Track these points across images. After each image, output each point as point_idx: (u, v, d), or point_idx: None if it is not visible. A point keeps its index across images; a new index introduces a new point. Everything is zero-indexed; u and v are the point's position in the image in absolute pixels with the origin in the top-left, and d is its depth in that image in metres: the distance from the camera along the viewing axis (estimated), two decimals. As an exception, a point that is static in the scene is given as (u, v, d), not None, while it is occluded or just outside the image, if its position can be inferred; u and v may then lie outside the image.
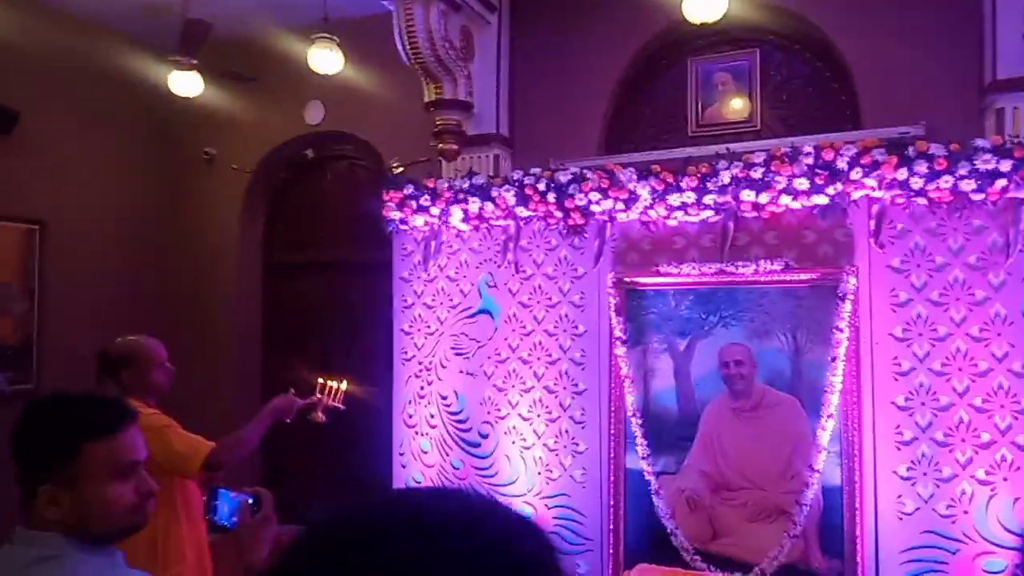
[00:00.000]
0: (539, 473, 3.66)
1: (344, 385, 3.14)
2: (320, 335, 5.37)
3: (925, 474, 2.98)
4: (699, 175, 3.23)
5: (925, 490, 2.98)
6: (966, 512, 2.92)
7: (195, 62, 4.10)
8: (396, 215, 3.91)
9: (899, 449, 3.02)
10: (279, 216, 5.64)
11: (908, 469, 3.00)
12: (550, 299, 3.68)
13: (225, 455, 2.48)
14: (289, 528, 0.77)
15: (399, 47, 4.04)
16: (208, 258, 5.47)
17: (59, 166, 4.89)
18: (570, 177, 3.49)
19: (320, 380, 3.12)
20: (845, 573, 3.04)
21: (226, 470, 2.49)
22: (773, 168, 3.10)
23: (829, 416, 3.03)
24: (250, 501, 1.61)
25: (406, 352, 4.00)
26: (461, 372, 3.85)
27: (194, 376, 5.13)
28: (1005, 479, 2.88)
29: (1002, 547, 2.86)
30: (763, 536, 3.17)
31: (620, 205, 3.42)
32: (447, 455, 3.88)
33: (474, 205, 3.68)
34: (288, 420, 2.79)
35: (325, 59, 4.32)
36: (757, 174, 3.13)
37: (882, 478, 3.04)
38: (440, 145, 4.10)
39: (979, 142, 2.88)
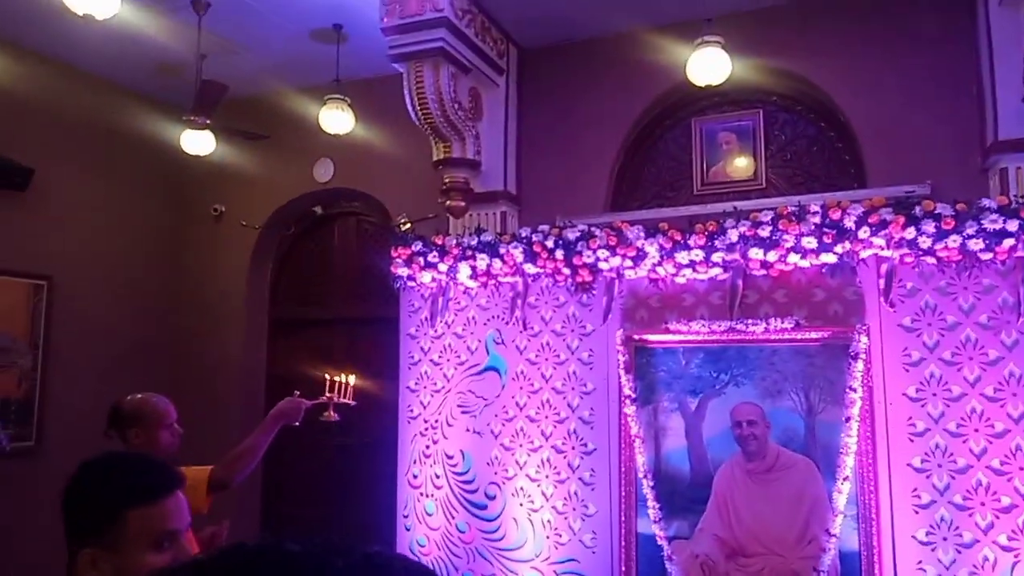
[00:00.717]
0: (547, 537, 3.57)
1: (352, 379, 3.10)
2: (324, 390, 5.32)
3: (945, 539, 2.90)
4: (706, 232, 3.25)
5: (946, 556, 2.89)
6: (989, 579, 2.83)
7: (208, 122, 4.17)
8: (404, 271, 3.92)
9: (917, 512, 2.94)
10: (287, 272, 5.66)
11: (927, 534, 2.93)
12: (558, 356, 3.65)
13: (228, 471, 2.46)
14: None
15: (409, 108, 4.11)
16: (215, 314, 5.47)
17: (69, 222, 4.93)
18: (578, 234, 3.50)
19: (328, 378, 3.09)
20: (865, 643, 2.93)
21: (235, 487, 2.46)
22: (780, 226, 3.11)
23: (845, 478, 2.97)
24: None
25: (412, 410, 3.95)
26: (467, 430, 3.80)
27: (198, 432, 5.07)
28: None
29: (1029, 617, 2.77)
30: (780, 604, 3.06)
31: (628, 262, 3.43)
32: (452, 517, 3.79)
33: (482, 262, 3.69)
34: (296, 423, 2.76)
35: (336, 119, 4.40)
36: (765, 232, 3.14)
37: (900, 543, 2.95)
38: (448, 202, 4.14)
39: (985, 202, 2.90)
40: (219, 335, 5.45)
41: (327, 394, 3.03)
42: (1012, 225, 2.84)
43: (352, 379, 3.11)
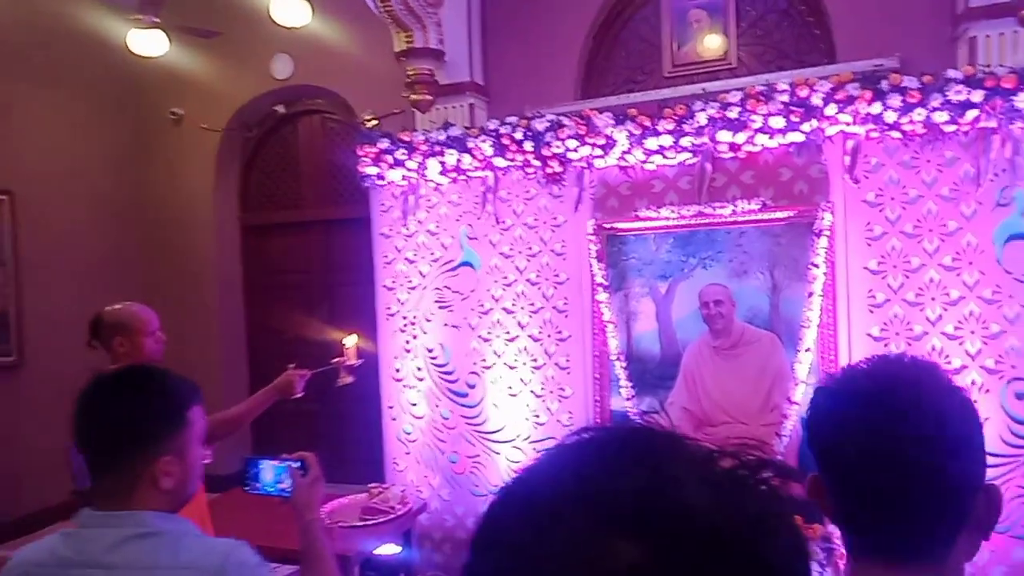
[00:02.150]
0: (527, 419, 3.74)
1: (355, 339, 3.14)
2: (303, 293, 5.37)
3: (900, 401, 3.08)
4: (675, 117, 3.22)
5: (900, 417, 3.08)
6: (939, 435, 3.03)
7: (157, 20, 3.97)
8: (372, 171, 3.87)
9: (875, 379, 3.11)
10: (254, 175, 5.57)
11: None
12: (531, 248, 3.69)
13: (215, 434, 2.51)
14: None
15: (366, -5, 3.94)
16: (184, 221, 5.41)
17: (23, 134, 4.77)
18: (547, 125, 3.46)
19: (340, 342, 3.11)
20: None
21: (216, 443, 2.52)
22: (749, 107, 3.09)
23: (807, 350, 3.11)
24: (297, 465, 1.68)
25: (389, 308, 4.02)
26: (446, 325, 3.89)
27: (179, 340, 5.14)
28: (976, 402, 2.97)
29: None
30: (746, 468, 3.27)
31: (598, 151, 3.41)
32: (436, 406, 3.94)
33: (451, 157, 3.65)
34: (299, 394, 2.77)
35: (291, 10, 4.21)
36: (733, 114, 3.12)
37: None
38: (413, 96, 4.05)
39: (951, 73, 2.89)
40: (191, 243, 5.42)
41: (336, 359, 3.04)
42: (977, 96, 2.84)
43: (355, 339, 3.11)
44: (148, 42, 4.14)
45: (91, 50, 5.00)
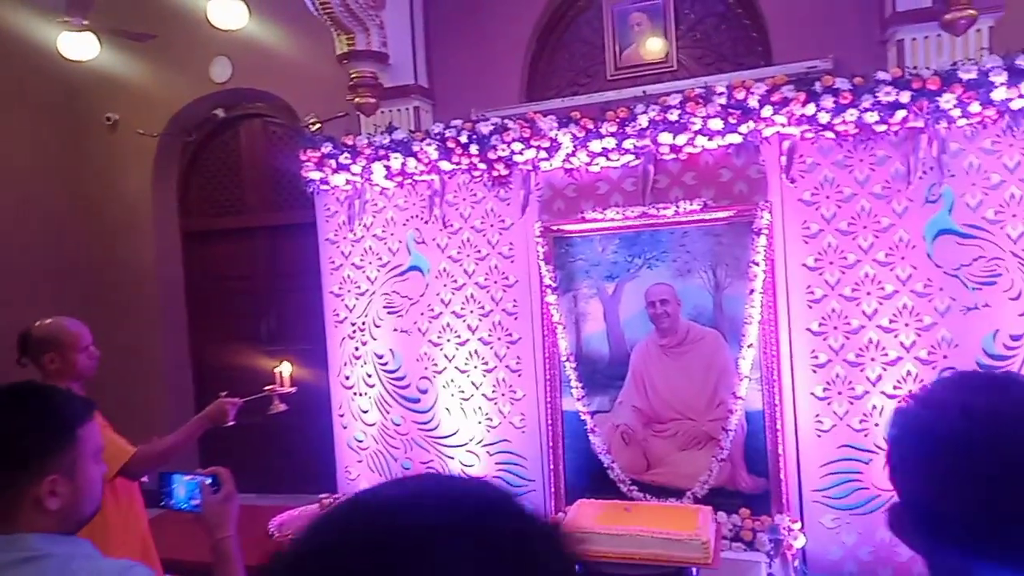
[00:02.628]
0: (479, 422, 3.74)
1: (289, 367, 3.03)
2: (248, 302, 5.26)
3: (840, 393, 3.18)
4: (618, 120, 3.26)
5: (840, 408, 3.18)
6: (877, 424, 3.14)
7: (86, 23, 3.84)
8: (316, 175, 3.82)
9: (815, 372, 3.20)
10: (194, 181, 5.43)
11: (824, 389, 3.20)
12: (479, 251, 3.69)
13: (144, 466, 2.40)
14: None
15: (305, -3, 3.88)
16: (123, 228, 5.24)
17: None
18: (491, 128, 3.46)
19: (272, 369, 3.00)
20: (770, 490, 3.24)
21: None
22: (688, 109, 3.15)
23: (749, 346, 3.19)
24: (208, 481, 1.62)
25: (337, 314, 3.97)
26: (395, 330, 3.86)
27: (119, 352, 4.98)
28: (911, 392, 3.09)
29: (908, 454, 3.10)
30: (693, 463, 3.34)
31: (543, 154, 3.43)
32: (387, 413, 3.91)
33: (396, 161, 3.63)
34: (230, 423, 2.67)
35: (228, 13, 4.11)
36: (673, 116, 3.18)
37: (800, 400, 3.23)
38: (356, 99, 4.00)
39: (881, 75, 3.00)
40: (130, 251, 5.25)
41: (268, 387, 2.94)
42: (905, 97, 2.95)
43: (288, 367, 3.02)
44: (78, 46, 3.99)
45: (20, 54, 4.81)
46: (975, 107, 2.88)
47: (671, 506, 3.24)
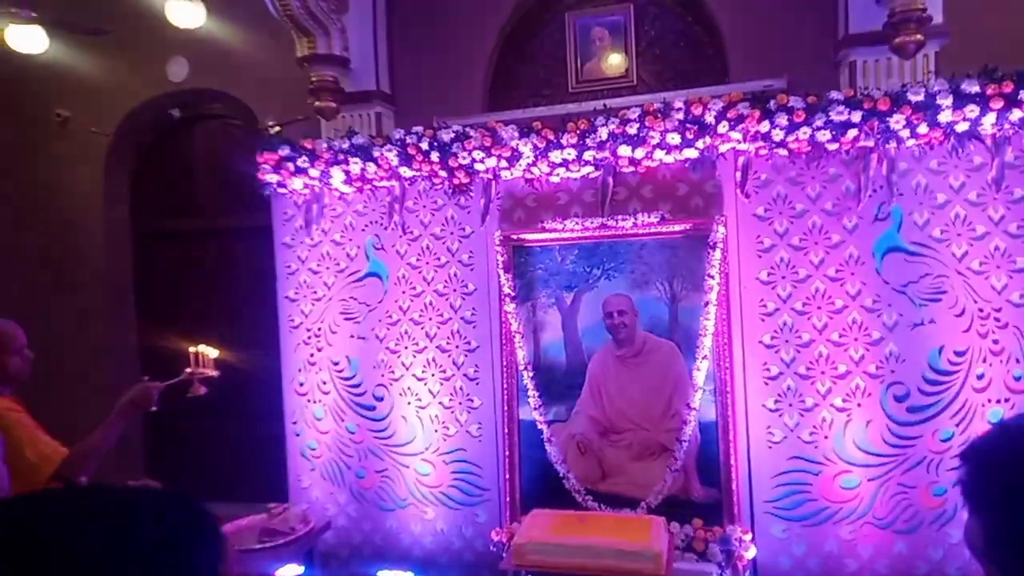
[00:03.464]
0: (436, 430, 3.71)
1: (213, 350, 2.95)
2: (201, 306, 5.15)
3: (791, 405, 3.24)
4: (578, 131, 3.29)
5: (791, 420, 3.24)
6: (826, 437, 3.21)
7: (34, 15, 3.72)
8: (273, 178, 3.76)
9: (767, 384, 3.26)
10: (148, 182, 5.30)
11: (775, 402, 3.25)
12: (439, 259, 3.67)
13: (76, 470, 2.32)
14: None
15: (266, -2, 3.83)
16: (71, 230, 5.08)
17: None
18: (453, 136, 3.46)
19: (191, 351, 2.94)
20: (722, 500, 3.28)
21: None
22: (647, 123, 3.19)
23: (704, 357, 3.23)
24: None
25: (293, 319, 3.90)
26: (352, 336, 3.81)
27: (65, 355, 4.82)
28: (859, 405, 3.17)
29: (857, 466, 3.17)
30: (648, 473, 3.36)
31: (504, 163, 3.44)
32: (342, 420, 3.85)
33: (355, 166, 3.59)
34: (153, 408, 2.58)
35: (184, 11, 4.04)
36: (632, 130, 3.21)
37: (752, 411, 3.28)
38: (317, 103, 3.95)
39: (833, 95, 3.07)
40: (78, 252, 5.09)
41: (188, 370, 2.84)
42: (856, 116, 3.03)
43: (212, 350, 2.92)
44: (26, 38, 3.87)
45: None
46: (923, 128, 2.97)
47: (625, 517, 3.25)
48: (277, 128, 3.87)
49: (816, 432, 3.22)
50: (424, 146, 3.48)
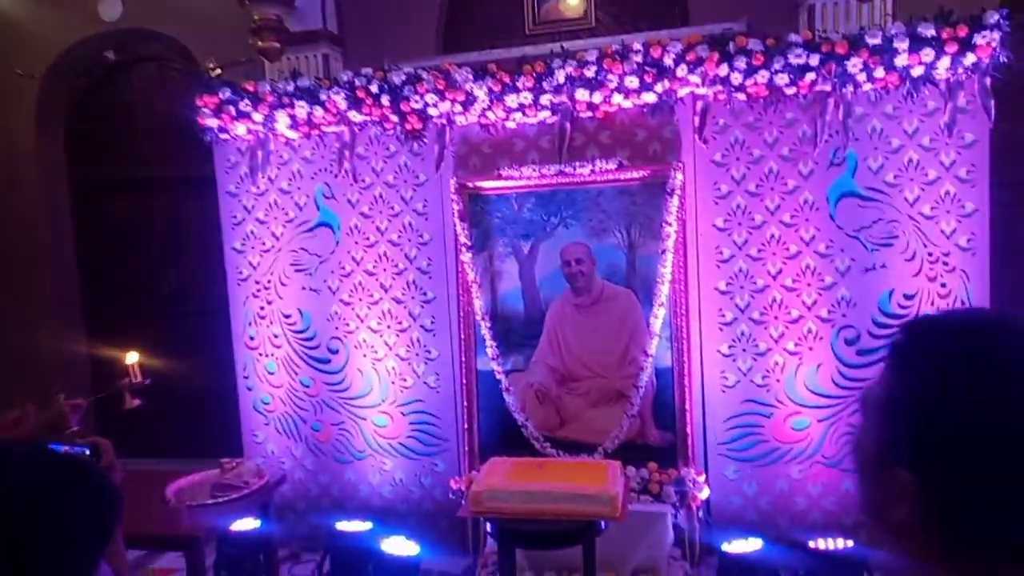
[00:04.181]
0: (393, 383, 3.67)
1: (137, 357, 2.70)
2: (146, 259, 4.96)
3: (744, 350, 3.28)
4: (535, 74, 3.19)
5: (744, 364, 3.28)
6: (778, 380, 3.26)
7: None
8: (213, 123, 3.58)
9: (721, 330, 3.28)
10: (83, 130, 5.02)
11: (729, 347, 3.29)
12: (392, 208, 3.57)
13: None
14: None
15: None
16: (3, 180, 4.80)
17: None
18: (404, 78, 3.32)
19: (127, 362, 2.68)
20: (677, 443, 3.33)
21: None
22: (605, 66, 3.11)
23: (661, 305, 3.23)
24: (87, 452, 1.48)
25: (241, 272, 3.78)
26: (304, 289, 3.71)
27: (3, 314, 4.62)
28: (811, 348, 3.22)
29: (808, 407, 3.24)
30: (605, 419, 3.39)
31: (458, 107, 3.33)
32: (296, 374, 3.78)
33: (301, 110, 3.44)
34: (75, 428, 2.33)
35: (114, -57, 3.76)
36: (590, 72, 3.13)
37: (707, 357, 3.31)
38: (260, 43, 3.75)
39: (792, 37, 3.03)
40: (11, 206, 4.83)
41: (121, 382, 2.60)
42: (814, 60, 3.00)
43: (136, 356, 2.69)
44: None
45: None
46: (879, 72, 2.95)
47: (582, 462, 3.27)
48: (218, 71, 3.67)
49: (768, 376, 3.27)
50: (374, 89, 3.34)
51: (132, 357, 2.57)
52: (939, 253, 3.08)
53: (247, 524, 3.15)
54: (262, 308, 3.77)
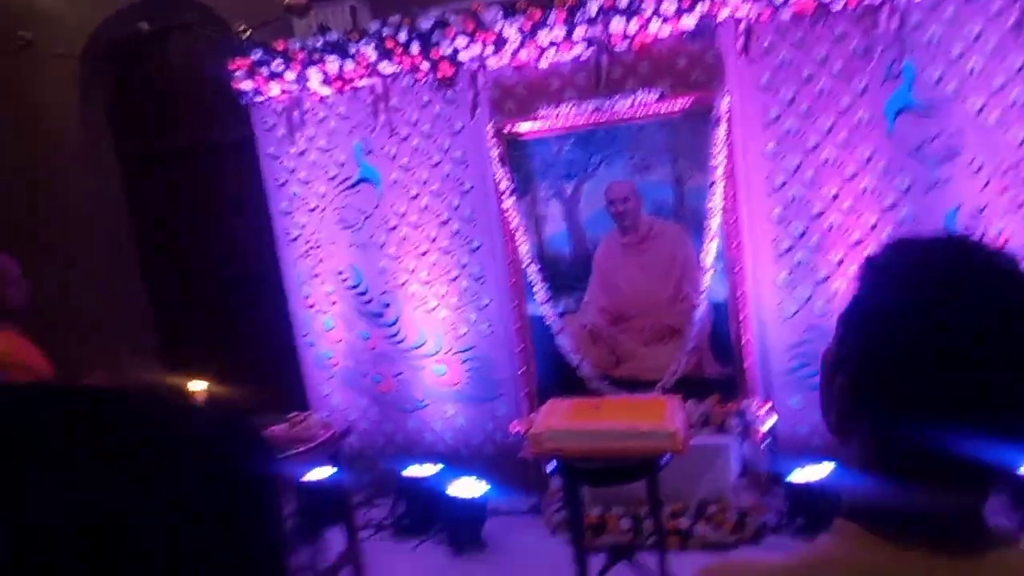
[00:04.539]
0: (447, 332, 3.71)
1: (202, 386, 2.65)
2: (197, 226, 5.07)
3: (803, 278, 3.18)
4: (566, 8, 3.07)
5: (804, 292, 3.19)
6: (841, 307, 3.17)
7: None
8: (248, 85, 3.59)
9: (777, 260, 3.19)
10: (125, 102, 5.08)
11: (788, 275, 3.20)
12: (431, 159, 3.55)
13: None
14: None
15: None
16: (50, 157, 4.92)
17: None
18: (432, 23, 3.24)
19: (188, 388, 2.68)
20: (737, 376, 3.30)
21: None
22: (640, -9, 2.96)
23: (712, 238, 3.15)
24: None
25: (289, 233, 3.84)
26: (352, 246, 3.75)
27: (70, 287, 4.81)
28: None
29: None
30: (661, 356, 3.37)
31: (489, 49, 3.24)
32: (353, 328, 3.86)
33: (332, 65, 3.40)
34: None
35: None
36: (624, 1, 2.99)
37: (764, 288, 3.23)
38: (286, 0, 3.69)
39: (838, -56, 2.82)
40: (59, 185, 4.95)
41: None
42: (865, -34, 2.79)
43: (201, 385, 2.70)
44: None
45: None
46: (938, -28, 2.74)
47: (640, 399, 3.28)
48: (248, 32, 3.64)
49: (830, 302, 3.18)
50: (402, 37, 3.28)
51: (197, 385, 2.62)
52: (1009, 164, 2.90)
53: (320, 473, 3.29)
54: (314, 267, 3.84)
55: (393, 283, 3.73)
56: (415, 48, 3.27)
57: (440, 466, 3.57)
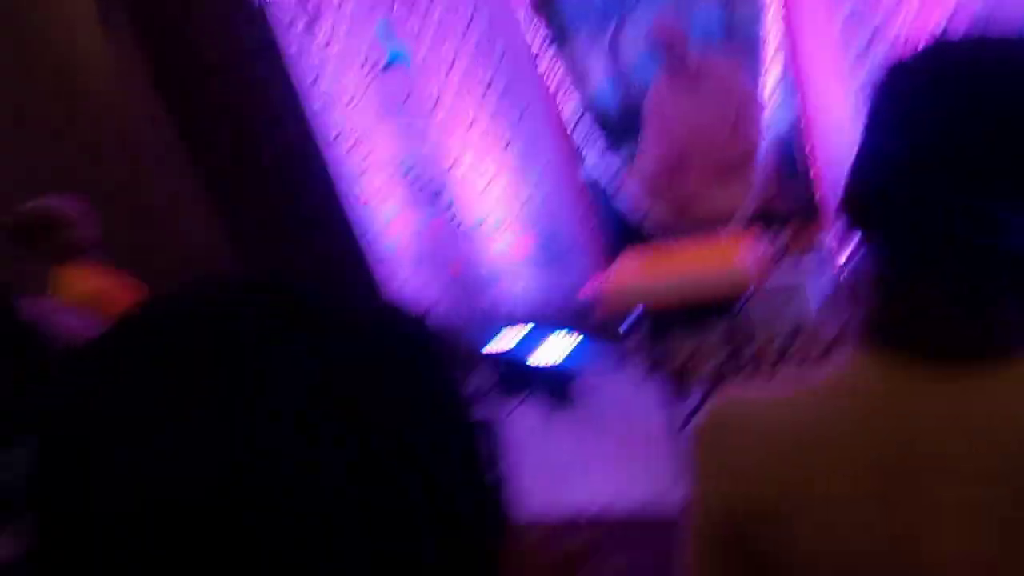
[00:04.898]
0: (504, 206, 3.67)
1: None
2: (242, 132, 5.02)
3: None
4: None
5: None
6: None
7: None
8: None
9: (845, 79, 2.93)
10: (150, 27, 4.89)
11: (858, 92, 2.94)
12: (458, 27, 3.33)
13: None
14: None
15: None
16: (75, 61, 4.83)
17: None
18: None
19: None
20: (810, 209, 3.15)
21: None
22: None
23: (769, 67, 2.90)
24: None
25: (330, 132, 3.77)
26: (395, 133, 3.67)
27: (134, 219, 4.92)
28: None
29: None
30: (727, 197, 3.23)
31: None
32: (412, 215, 3.86)
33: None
34: None
35: None
36: None
37: (832, 109, 2.99)
38: None
39: None
40: (93, 110, 4.94)
41: None
42: None
43: None
44: None
45: None
46: None
47: (710, 241, 3.20)
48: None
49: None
50: None
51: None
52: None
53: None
54: (363, 160, 3.80)
55: (442, 165, 3.66)
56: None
57: (527, 329, 3.64)
